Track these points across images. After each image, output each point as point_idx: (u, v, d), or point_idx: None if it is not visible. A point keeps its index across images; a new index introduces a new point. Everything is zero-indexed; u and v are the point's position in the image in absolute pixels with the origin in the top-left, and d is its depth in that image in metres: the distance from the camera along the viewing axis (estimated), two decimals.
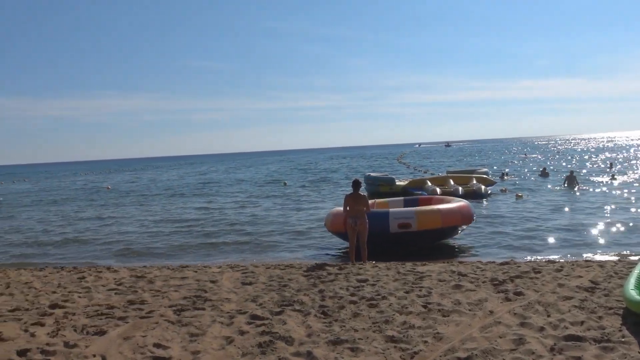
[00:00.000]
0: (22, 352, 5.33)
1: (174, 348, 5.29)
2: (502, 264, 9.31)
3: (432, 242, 12.07)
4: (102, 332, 5.93)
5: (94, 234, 17.56)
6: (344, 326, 5.83)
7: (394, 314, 6.19)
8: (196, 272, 9.55)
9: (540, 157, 62.80)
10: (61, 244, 15.85)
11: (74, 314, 6.85)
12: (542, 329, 5.44)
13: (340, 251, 12.53)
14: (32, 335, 5.96)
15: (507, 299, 6.71)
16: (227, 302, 7.15)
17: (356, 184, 10.36)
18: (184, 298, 7.47)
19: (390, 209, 12.04)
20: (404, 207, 13.62)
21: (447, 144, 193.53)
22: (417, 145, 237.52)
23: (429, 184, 23.72)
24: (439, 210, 11.75)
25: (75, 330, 6.09)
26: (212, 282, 8.50)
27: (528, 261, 9.94)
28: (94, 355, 5.14)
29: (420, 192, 21.47)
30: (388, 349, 5.09)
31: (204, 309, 6.82)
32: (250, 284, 8.29)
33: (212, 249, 13.68)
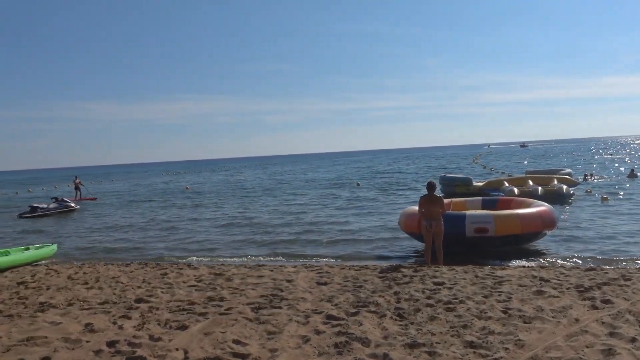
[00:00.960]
0: (111, 344, 5.63)
1: (252, 345, 5.40)
2: (587, 269, 8.86)
3: (509, 248, 11.64)
4: (184, 327, 6.15)
5: (173, 232, 18.24)
6: (421, 329, 5.75)
7: (472, 319, 6.04)
8: (272, 271, 9.72)
9: (627, 158, 59.29)
10: (144, 241, 16.58)
11: (157, 309, 7.15)
12: (634, 339, 5.13)
13: (414, 253, 12.37)
14: (120, 327, 6.28)
15: (594, 307, 6.38)
16: (302, 301, 7.23)
17: (430, 186, 10.20)
18: (261, 296, 7.62)
19: (467, 212, 11.70)
20: (482, 208, 13.23)
21: (523, 145, 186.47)
22: (487, 147, 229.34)
23: (507, 184, 22.97)
24: (518, 215, 11.17)
25: (159, 324, 6.36)
26: (288, 281, 8.63)
27: (616, 267, 9.41)
28: (177, 349, 5.34)
29: (497, 193, 20.83)
30: (467, 354, 4.97)
31: (280, 307, 6.92)
32: (325, 284, 8.35)
33: (285, 248, 13.86)
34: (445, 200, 12.01)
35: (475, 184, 24.66)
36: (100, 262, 12.36)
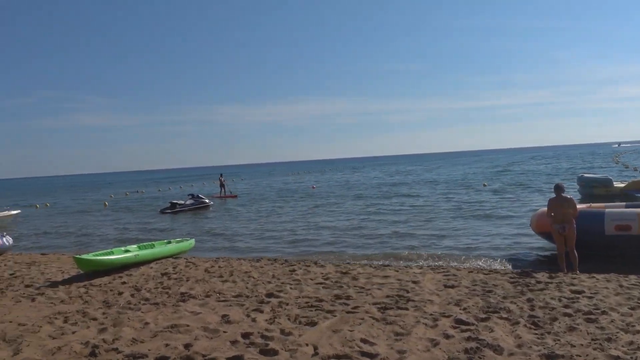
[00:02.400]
0: (245, 335, 5.93)
1: (380, 345, 5.42)
2: None
3: None
4: (312, 323, 6.32)
5: (299, 230, 18.79)
6: (559, 340, 5.41)
7: (617, 332, 5.58)
8: (397, 271, 9.68)
9: None
10: (273, 237, 17.26)
11: (287, 304, 7.41)
12: None
13: (544, 257, 11.67)
14: (254, 320, 6.59)
15: None
16: (429, 303, 7.12)
17: (558, 188, 9.58)
18: (386, 296, 7.61)
19: (607, 209, 10.86)
20: None
21: None
22: (617, 145, 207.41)
23: None
24: None
25: (289, 319, 6.59)
26: (414, 282, 8.54)
27: None
28: (307, 345, 5.50)
29: None
30: None
31: (407, 308, 6.87)
32: (452, 287, 8.15)
33: (410, 248, 13.71)
34: (583, 205, 11.21)
35: (616, 184, 22.72)
36: (233, 257, 13.05)
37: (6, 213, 28.18)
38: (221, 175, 41.51)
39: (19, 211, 30.27)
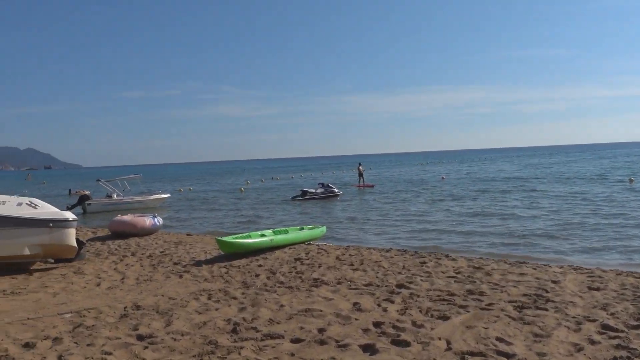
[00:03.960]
0: (377, 324, 5.98)
1: (517, 345, 5.19)
2: None
3: None
4: (445, 317, 6.21)
5: (423, 221, 18.52)
6: None
7: None
8: (535, 269, 9.19)
9: None
10: (399, 228, 17.19)
11: (418, 296, 7.35)
12: None
13: None
14: (385, 310, 6.62)
15: None
16: (572, 305, 6.68)
17: None
18: (523, 295, 7.27)
19: None
20: None
21: None
22: None
23: None
24: None
25: (420, 312, 6.53)
26: (554, 282, 8.05)
27: None
28: (439, 339, 5.41)
29: None
30: None
31: (546, 309, 6.51)
32: (597, 289, 7.58)
33: (550, 248, 12.90)
34: None
35: None
36: (363, 246, 13.19)
37: (158, 196, 30.79)
38: (360, 164, 41.81)
39: (169, 195, 32.92)
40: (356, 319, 6.20)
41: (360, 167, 40.31)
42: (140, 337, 5.66)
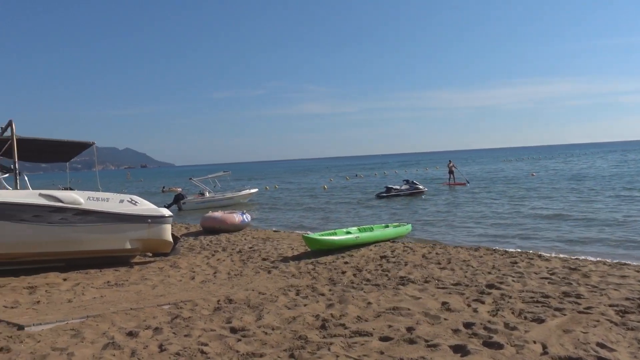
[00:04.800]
0: (467, 325, 5.84)
1: (620, 352, 4.90)
2: None
3: None
4: (539, 320, 5.96)
5: (516, 220, 17.85)
6: None
7: None
8: (638, 272, 8.63)
9: None
10: (487, 227, 16.69)
11: (510, 297, 7.11)
12: None
13: None
14: (475, 310, 6.46)
15: None
16: None
17: None
18: (626, 299, 6.83)
19: None
20: None
21: None
22: None
23: None
24: None
25: (513, 313, 6.32)
26: None
27: None
28: (534, 342, 5.21)
29: None
30: None
31: None
32: None
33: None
34: None
35: None
36: (450, 244, 12.94)
37: (248, 191, 31.75)
38: (450, 161, 40.05)
39: (256, 189, 33.81)
40: (445, 319, 6.09)
41: (451, 164, 38.65)
42: (233, 330, 5.87)
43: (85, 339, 5.54)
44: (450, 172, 37.73)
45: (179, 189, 32.39)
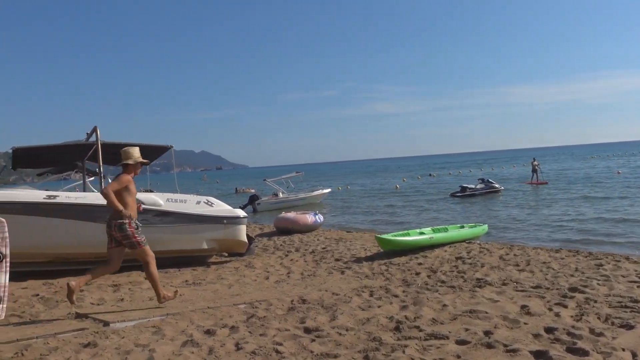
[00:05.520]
0: (549, 330, 5.58)
1: None
2: None
3: None
4: (628, 326, 5.62)
5: (597, 219, 16.96)
6: None
7: None
8: None
9: None
10: (567, 229, 15.95)
11: (595, 301, 6.75)
12: None
13: None
14: (557, 315, 6.18)
15: None
16: None
17: None
18: None
19: None
20: None
21: None
22: None
23: None
24: None
25: (599, 318, 5.99)
26: None
27: None
28: (623, 349, 4.92)
29: None
30: None
31: None
32: None
33: None
34: None
35: None
36: (529, 246, 12.48)
37: (321, 191, 32.02)
38: (534, 159, 38.46)
39: (329, 189, 34.01)
40: (525, 323, 5.86)
41: (535, 162, 37.00)
42: (307, 330, 5.91)
43: (166, 336, 5.75)
44: (534, 170, 36.21)
45: (252, 190, 33.13)
